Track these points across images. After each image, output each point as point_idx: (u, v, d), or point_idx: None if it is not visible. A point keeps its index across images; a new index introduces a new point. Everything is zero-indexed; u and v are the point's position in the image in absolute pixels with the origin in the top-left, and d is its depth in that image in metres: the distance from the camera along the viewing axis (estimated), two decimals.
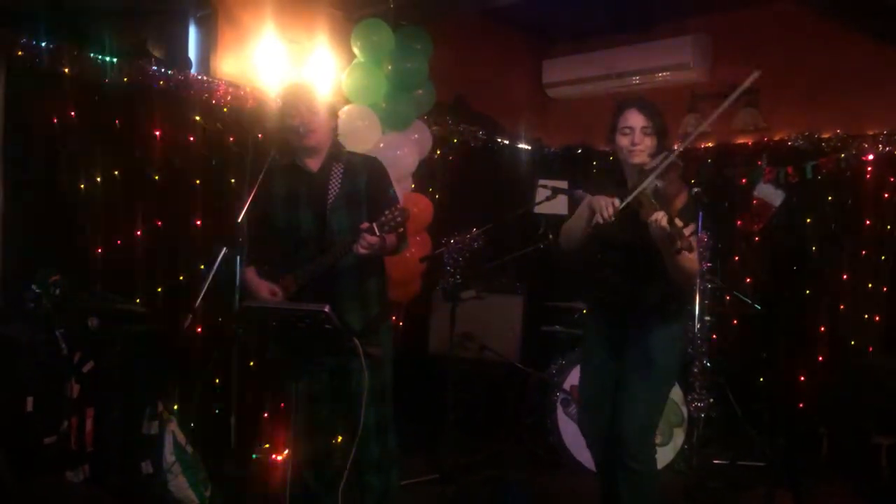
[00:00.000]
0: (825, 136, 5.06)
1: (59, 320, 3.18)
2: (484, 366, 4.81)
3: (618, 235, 2.85)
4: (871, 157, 4.89)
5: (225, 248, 2.73)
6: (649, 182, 2.70)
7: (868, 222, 4.89)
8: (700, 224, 4.40)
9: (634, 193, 2.71)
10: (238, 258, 2.68)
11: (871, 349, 4.82)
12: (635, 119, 2.90)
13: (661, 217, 2.58)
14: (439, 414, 4.37)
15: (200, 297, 2.66)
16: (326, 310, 2.49)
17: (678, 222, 2.55)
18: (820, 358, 4.96)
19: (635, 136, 2.89)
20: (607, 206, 2.71)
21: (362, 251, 2.83)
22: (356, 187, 3.07)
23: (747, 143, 5.43)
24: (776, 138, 5.30)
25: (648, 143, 2.90)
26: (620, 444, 2.95)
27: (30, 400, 3.04)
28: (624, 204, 2.71)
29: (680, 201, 2.71)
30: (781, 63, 5.25)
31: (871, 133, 4.91)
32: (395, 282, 3.38)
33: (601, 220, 2.71)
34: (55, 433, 3.12)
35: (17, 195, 3.51)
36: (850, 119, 5.00)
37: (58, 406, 3.14)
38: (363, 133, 4.38)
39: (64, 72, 3.59)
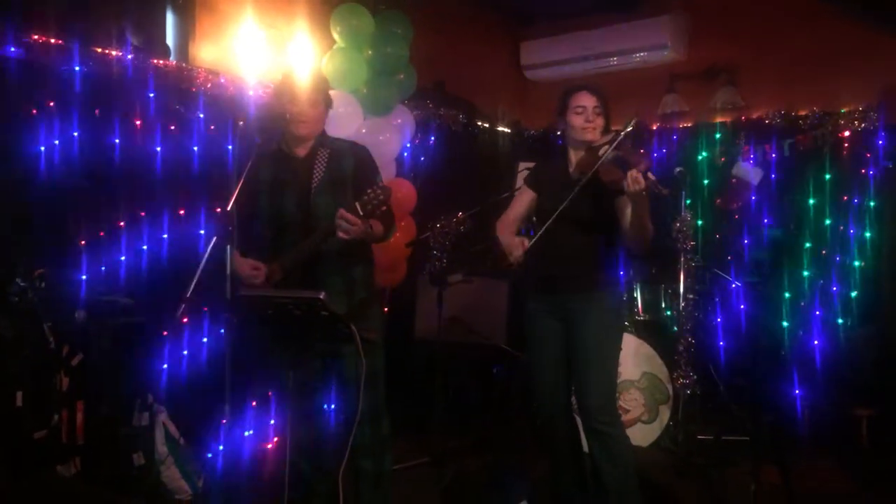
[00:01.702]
0: (802, 113, 5.13)
1: (45, 314, 3.15)
2: (471, 349, 4.83)
3: (562, 211, 2.97)
4: (847, 133, 4.96)
5: (215, 237, 2.70)
6: (604, 158, 2.93)
7: (845, 198, 4.97)
8: (683, 203, 4.47)
9: (543, 228, 2.93)
10: (228, 246, 2.64)
11: (849, 323, 4.91)
12: (587, 99, 3.10)
13: (636, 174, 2.74)
14: (427, 398, 4.39)
15: (192, 286, 2.63)
16: (322, 297, 2.48)
17: (650, 176, 2.76)
18: (800, 332, 5.04)
19: (588, 115, 3.09)
20: (516, 248, 2.90)
21: (342, 234, 2.78)
22: (342, 172, 3.06)
23: (725, 122, 5.47)
24: (754, 116, 5.35)
25: (600, 122, 3.11)
26: (587, 414, 3.06)
27: (19, 395, 3.02)
28: (533, 242, 2.91)
29: (643, 167, 2.82)
30: (759, 42, 5.30)
31: (846, 110, 4.98)
32: (380, 267, 3.38)
33: (514, 262, 2.91)
34: (45, 427, 3.11)
35: None
36: (827, 96, 5.07)
37: (47, 400, 3.13)
38: (344, 119, 4.34)
39: (42, 61, 3.53)
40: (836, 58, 5.00)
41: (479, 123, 6.04)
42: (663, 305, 4.74)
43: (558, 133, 6.18)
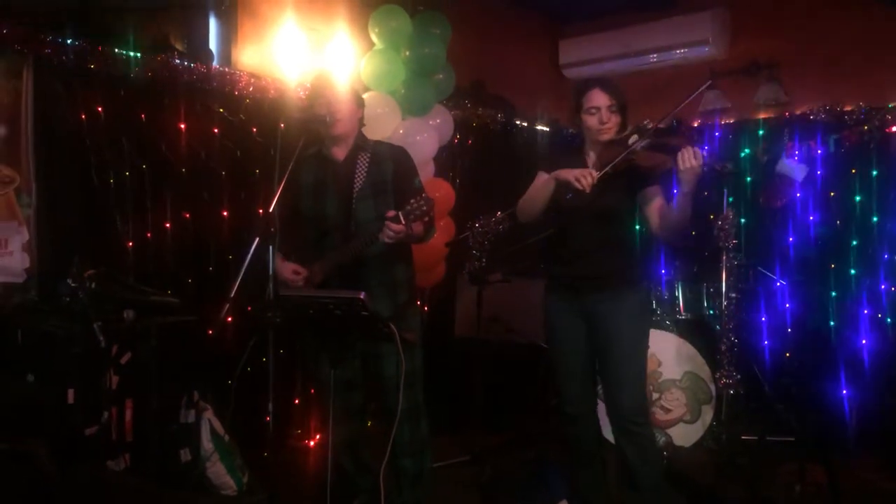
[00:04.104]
0: (848, 108, 5.02)
1: (95, 313, 3.22)
2: (510, 348, 4.83)
3: (585, 206, 2.91)
4: (894, 128, 4.85)
5: (258, 238, 2.74)
6: (633, 147, 2.82)
7: (893, 194, 4.85)
8: (726, 201, 4.42)
9: (614, 163, 2.79)
10: (271, 247, 2.69)
11: None
12: (600, 98, 2.98)
13: (691, 150, 2.62)
14: (467, 396, 4.41)
15: (236, 287, 2.68)
16: (362, 297, 2.52)
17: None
18: (846, 331, 4.95)
19: (602, 115, 2.97)
20: (584, 177, 2.77)
21: (388, 239, 2.85)
22: (382, 176, 3.09)
23: (768, 118, 5.39)
24: (798, 112, 5.25)
25: (615, 120, 2.99)
26: (619, 415, 3.04)
27: (71, 392, 3.10)
28: (602, 174, 2.78)
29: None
30: (802, 36, 5.21)
31: (894, 104, 4.87)
32: (419, 267, 3.41)
33: (582, 189, 2.76)
34: (96, 424, 3.19)
35: (48, 191, 3.56)
36: (873, 91, 4.95)
37: (98, 397, 3.21)
38: (382, 120, 4.38)
39: (90, 68, 3.63)
40: (883, 50, 4.89)
41: (518, 123, 6.03)
42: (705, 304, 4.69)
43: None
